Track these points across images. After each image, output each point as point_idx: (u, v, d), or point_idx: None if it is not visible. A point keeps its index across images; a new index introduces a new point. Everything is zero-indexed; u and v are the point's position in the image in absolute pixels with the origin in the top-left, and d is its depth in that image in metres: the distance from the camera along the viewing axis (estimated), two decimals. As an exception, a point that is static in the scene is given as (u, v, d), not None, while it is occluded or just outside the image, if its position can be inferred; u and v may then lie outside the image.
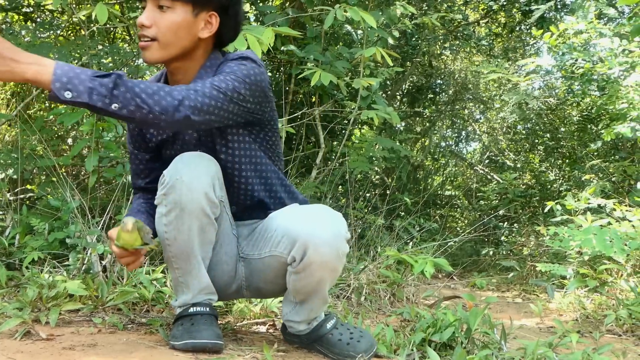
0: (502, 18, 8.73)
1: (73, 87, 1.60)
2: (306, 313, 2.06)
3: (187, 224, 1.89)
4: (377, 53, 3.75)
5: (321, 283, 1.95)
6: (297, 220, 1.92)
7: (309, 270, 1.89)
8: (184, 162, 1.88)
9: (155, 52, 1.91)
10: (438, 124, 10.38)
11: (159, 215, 1.93)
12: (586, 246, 3.36)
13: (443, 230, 6.73)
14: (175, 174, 1.86)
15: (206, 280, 2.02)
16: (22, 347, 1.80)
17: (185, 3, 1.87)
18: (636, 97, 4.78)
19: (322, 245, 1.85)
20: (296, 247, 1.87)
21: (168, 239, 1.94)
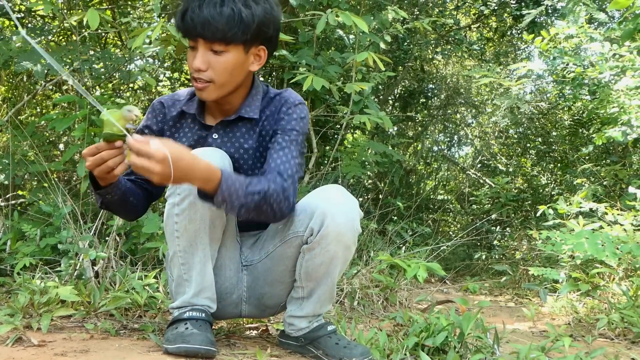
0: (494, 23, 8.76)
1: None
2: (311, 307, 2.10)
3: (200, 213, 1.93)
4: (369, 58, 3.75)
5: (334, 262, 2.00)
6: (314, 197, 2.02)
7: (325, 242, 1.96)
8: (198, 152, 1.88)
9: (212, 92, 1.96)
10: (430, 128, 10.40)
11: (170, 207, 1.96)
12: (578, 250, 3.38)
13: (436, 234, 6.74)
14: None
15: (210, 279, 2.04)
16: (13, 354, 1.79)
17: (237, 45, 1.90)
18: (627, 101, 4.79)
19: (339, 215, 1.94)
20: (315, 216, 1.95)
21: (178, 230, 1.96)
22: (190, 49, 1.93)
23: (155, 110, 2.16)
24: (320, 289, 2.08)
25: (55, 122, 3.34)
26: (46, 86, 4.59)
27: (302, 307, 2.12)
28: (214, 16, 1.83)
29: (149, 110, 2.17)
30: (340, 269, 2.07)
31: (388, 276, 3.49)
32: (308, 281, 2.06)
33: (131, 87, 5.81)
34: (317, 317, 2.14)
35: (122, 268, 2.98)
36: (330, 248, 1.97)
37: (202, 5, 1.85)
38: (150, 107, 2.17)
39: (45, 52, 1.56)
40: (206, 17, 1.83)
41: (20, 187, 4.22)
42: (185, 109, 2.10)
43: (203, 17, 1.83)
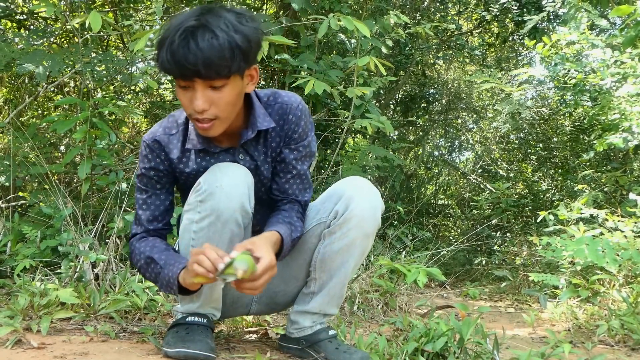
0: (495, 28, 8.77)
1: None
2: (319, 302, 2.12)
3: (219, 233, 1.89)
4: (370, 62, 3.75)
5: (351, 249, 2.04)
6: (342, 184, 2.08)
7: (346, 227, 2.01)
8: (222, 170, 1.87)
9: (218, 128, 1.84)
10: (431, 133, 10.41)
11: (188, 222, 1.93)
12: (578, 256, 3.37)
13: (436, 239, 6.74)
14: (215, 182, 1.85)
15: (219, 292, 2.05)
16: (13, 356, 1.79)
17: (235, 75, 1.76)
18: (628, 107, 4.79)
19: (364, 201, 2.00)
20: (342, 200, 2.01)
21: (194, 247, 1.91)
22: (182, 88, 1.77)
23: (155, 151, 1.98)
24: (332, 282, 2.09)
25: (57, 124, 3.34)
26: (48, 88, 4.60)
27: (310, 302, 2.13)
28: (211, 52, 1.65)
29: (146, 151, 1.99)
30: (355, 262, 2.09)
31: (388, 281, 3.49)
32: (322, 271, 2.08)
33: (133, 90, 5.81)
34: (323, 317, 2.16)
35: (122, 271, 2.98)
36: (351, 234, 2.02)
37: (190, 40, 1.66)
38: (145, 149, 1.99)
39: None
40: (205, 56, 1.66)
41: (21, 189, 4.22)
42: (191, 147, 1.96)
43: (200, 56, 1.65)
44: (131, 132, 6.46)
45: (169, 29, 1.71)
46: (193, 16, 1.70)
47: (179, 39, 1.66)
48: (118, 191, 3.45)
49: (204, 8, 1.74)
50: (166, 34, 1.71)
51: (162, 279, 1.90)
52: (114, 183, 3.50)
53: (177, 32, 1.67)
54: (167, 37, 1.69)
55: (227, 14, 1.73)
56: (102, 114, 3.63)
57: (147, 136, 2.01)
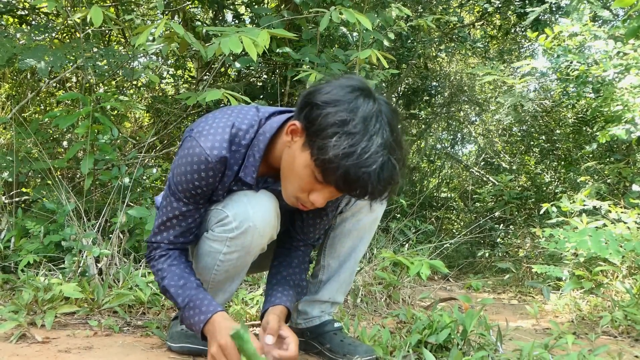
0: (497, 20, 8.74)
1: None
2: (329, 290, 2.14)
3: (244, 261, 1.89)
4: (372, 55, 3.74)
5: (361, 233, 2.08)
6: None
7: (358, 212, 2.06)
8: (252, 204, 1.80)
9: None
10: (434, 126, 10.40)
11: (213, 250, 1.86)
12: (582, 248, 3.37)
13: (439, 232, 6.74)
14: (247, 220, 1.78)
15: (228, 297, 2.06)
16: (17, 350, 1.80)
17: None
18: (631, 99, 4.78)
19: (377, 186, 1.83)
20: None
21: (218, 272, 1.90)
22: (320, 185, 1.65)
23: (215, 170, 1.77)
24: (343, 269, 2.12)
25: (59, 119, 3.34)
26: (50, 83, 4.60)
27: (320, 291, 2.15)
28: (396, 181, 1.60)
29: (203, 167, 1.76)
30: (364, 247, 2.13)
31: (391, 274, 3.49)
32: (332, 258, 2.10)
33: (134, 85, 5.81)
34: (331, 306, 2.18)
35: (126, 265, 2.98)
36: (363, 219, 2.06)
37: (383, 172, 1.56)
38: (203, 164, 1.75)
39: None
40: (392, 188, 1.62)
41: (24, 185, 4.23)
42: (243, 176, 1.81)
43: (389, 189, 1.61)
44: (133, 127, 6.46)
45: (364, 153, 1.53)
46: (381, 146, 1.55)
47: (376, 173, 1.54)
48: (121, 186, 3.45)
49: (376, 114, 1.59)
50: (364, 163, 1.53)
51: (183, 319, 1.81)
52: (116, 178, 3.50)
53: (379, 171, 1.55)
54: (364, 167, 1.53)
55: (395, 122, 1.63)
56: (104, 109, 3.63)
57: (209, 149, 1.74)
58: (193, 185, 1.78)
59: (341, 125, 1.54)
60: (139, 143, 4.60)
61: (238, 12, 6.20)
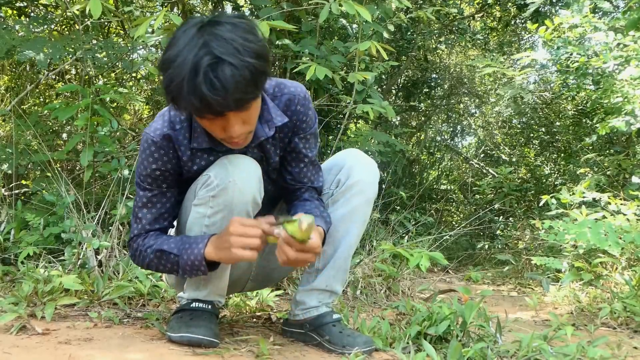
0: (497, 12, 8.73)
1: None
2: (324, 278, 2.14)
3: None
4: (372, 47, 3.74)
5: (354, 217, 2.11)
6: (341, 156, 2.17)
7: (349, 193, 2.10)
8: (232, 163, 1.85)
9: (249, 138, 1.83)
10: (433, 118, 10.40)
11: (198, 216, 1.89)
12: (581, 239, 3.37)
13: (438, 224, 6.74)
14: (227, 177, 1.83)
15: (225, 284, 2.06)
16: (17, 342, 1.80)
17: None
18: (631, 91, 4.78)
19: (365, 170, 2.10)
20: (344, 169, 2.11)
21: None
22: (210, 120, 1.70)
23: (163, 148, 1.89)
24: (337, 254, 2.12)
25: (58, 111, 3.34)
26: (49, 75, 4.60)
27: (316, 279, 2.15)
28: (238, 87, 1.57)
29: (152, 149, 1.89)
30: (358, 231, 2.14)
31: (391, 265, 3.50)
32: (327, 244, 2.09)
33: (134, 77, 5.80)
34: (329, 296, 2.17)
35: (125, 257, 2.99)
36: (354, 200, 2.09)
37: (214, 80, 1.56)
38: (151, 146, 1.89)
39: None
40: (235, 93, 1.57)
41: (23, 177, 4.23)
42: (197, 145, 1.89)
43: (230, 94, 1.57)
44: (133, 119, 6.45)
45: (178, 66, 1.58)
46: (199, 47, 1.57)
47: (202, 81, 1.55)
48: (120, 178, 3.45)
49: (202, 31, 1.61)
50: (178, 73, 1.57)
51: (183, 266, 1.86)
52: (116, 170, 3.50)
53: (195, 73, 1.55)
54: (182, 78, 1.57)
55: (228, 33, 1.60)
56: (103, 101, 3.62)
57: (152, 132, 1.89)
58: (150, 168, 1.91)
59: (163, 64, 1.64)
60: (139, 135, 4.60)
61: (237, 3, 6.18)
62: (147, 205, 1.96)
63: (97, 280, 2.58)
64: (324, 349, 2.06)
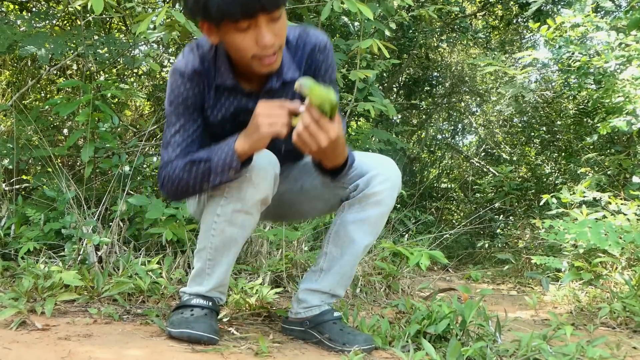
0: (499, 11, 8.72)
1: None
2: (329, 281, 2.14)
3: (241, 219, 1.94)
4: (373, 45, 3.73)
5: (365, 225, 2.08)
6: (371, 158, 2.09)
7: (365, 202, 2.06)
8: (255, 161, 1.88)
9: (278, 59, 1.84)
10: (434, 116, 10.39)
11: (213, 205, 1.95)
12: (581, 239, 3.37)
13: (439, 222, 6.75)
14: (244, 171, 1.86)
15: (227, 277, 2.08)
16: (17, 337, 1.80)
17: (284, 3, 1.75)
18: (632, 90, 4.78)
19: (387, 182, 2.04)
20: (366, 176, 2.04)
21: (215, 230, 1.96)
22: (242, 31, 1.71)
23: (194, 81, 1.93)
24: (344, 260, 2.11)
25: (59, 106, 3.34)
26: (50, 71, 4.59)
27: (320, 281, 2.15)
28: None
29: (183, 79, 1.93)
30: (368, 241, 2.11)
31: (391, 264, 3.50)
32: (334, 245, 2.10)
33: (135, 73, 5.80)
34: (331, 297, 2.17)
35: (126, 253, 2.99)
36: (369, 210, 2.05)
37: None
38: (182, 77, 1.93)
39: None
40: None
41: (24, 172, 4.23)
42: (220, 82, 1.93)
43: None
44: (134, 115, 6.45)
45: None
46: None
47: None
48: (121, 174, 3.45)
49: None
50: None
51: (214, 169, 1.83)
52: (116, 166, 3.50)
53: None
54: None
55: None
56: (104, 96, 3.62)
57: (183, 65, 1.92)
58: (182, 97, 1.92)
59: None
60: (140, 131, 4.60)
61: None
62: (179, 132, 1.95)
63: (97, 276, 2.58)
64: (323, 346, 2.06)
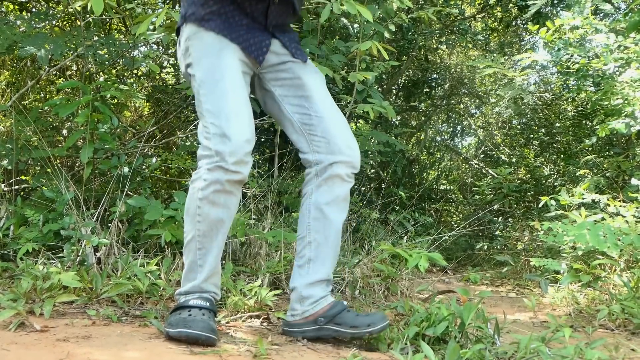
0: (499, 13, 8.73)
1: None
2: (324, 269, 2.19)
3: (224, 199, 1.99)
4: (373, 47, 3.73)
5: (341, 204, 2.19)
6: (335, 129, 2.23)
7: (332, 182, 2.18)
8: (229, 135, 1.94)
9: None
10: (433, 118, 10.39)
11: (194, 191, 2.00)
12: (580, 241, 3.38)
13: (438, 224, 6.74)
14: (220, 147, 1.94)
15: (219, 265, 2.11)
16: (16, 339, 1.80)
17: None
18: (631, 93, 4.78)
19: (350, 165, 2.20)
20: (330, 158, 2.19)
21: (200, 215, 2.00)
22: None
23: None
24: (329, 243, 2.18)
25: (59, 107, 3.34)
26: (50, 71, 4.59)
27: (313, 271, 2.18)
28: None
29: None
30: (343, 217, 2.21)
31: (389, 266, 3.50)
32: (317, 232, 2.17)
33: (135, 74, 5.80)
34: (328, 284, 2.20)
35: (124, 255, 2.99)
36: (335, 188, 2.18)
37: None
38: None
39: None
40: None
41: (23, 173, 4.22)
42: None
43: None
44: (133, 116, 6.45)
45: None
46: None
47: None
48: (120, 175, 3.45)
49: None
50: None
51: None
52: (116, 167, 3.50)
53: None
54: None
55: None
56: (104, 97, 3.62)
57: None
58: None
59: None
60: (139, 132, 4.60)
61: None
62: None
63: (96, 277, 2.58)
64: (343, 336, 2.11)
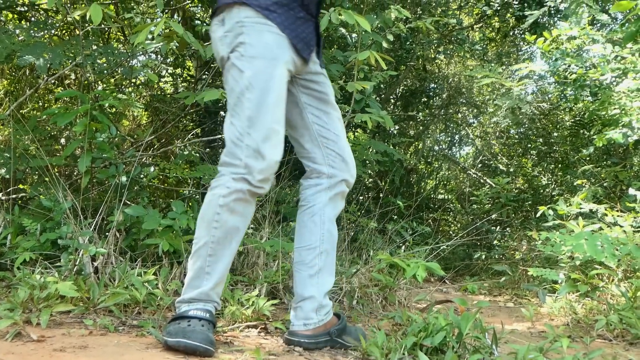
0: (496, 23, 8.75)
1: None
2: (331, 278, 2.29)
3: (242, 207, 2.02)
4: (371, 56, 3.75)
5: (336, 216, 2.31)
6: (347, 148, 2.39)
7: (341, 199, 2.32)
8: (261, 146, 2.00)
9: None
10: (431, 127, 10.39)
11: (214, 197, 2.01)
12: (578, 251, 3.38)
13: (436, 234, 6.75)
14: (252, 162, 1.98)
15: (226, 275, 2.12)
16: (12, 349, 1.80)
17: None
18: (628, 103, 4.79)
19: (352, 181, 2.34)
20: (342, 175, 2.30)
21: (218, 222, 2.01)
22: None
23: None
24: (333, 254, 2.28)
25: (57, 116, 3.34)
26: (48, 80, 4.59)
27: (324, 281, 2.25)
28: None
29: None
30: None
31: (387, 275, 3.49)
32: (328, 243, 2.26)
33: (133, 83, 5.81)
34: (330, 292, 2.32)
35: (122, 264, 2.98)
36: (339, 203, 2.32)
37: None
38: None
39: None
40: None
41: (21, 181, 4.22)
42: None
43: None
44: (131, 126, 6.45)
45: None
46: None
47: None
48: (118, 184, 3.45)
49: None
50: None
51: None
52: (114, 176, 3.50)
53: None
54: None
55: None
56: (102, 106, 3.62)
57: None
58: None
59: None
60: (137, 141, 4.60)
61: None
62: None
63: (93, 287, 2.58)
64: (335, 349, 2.23)
